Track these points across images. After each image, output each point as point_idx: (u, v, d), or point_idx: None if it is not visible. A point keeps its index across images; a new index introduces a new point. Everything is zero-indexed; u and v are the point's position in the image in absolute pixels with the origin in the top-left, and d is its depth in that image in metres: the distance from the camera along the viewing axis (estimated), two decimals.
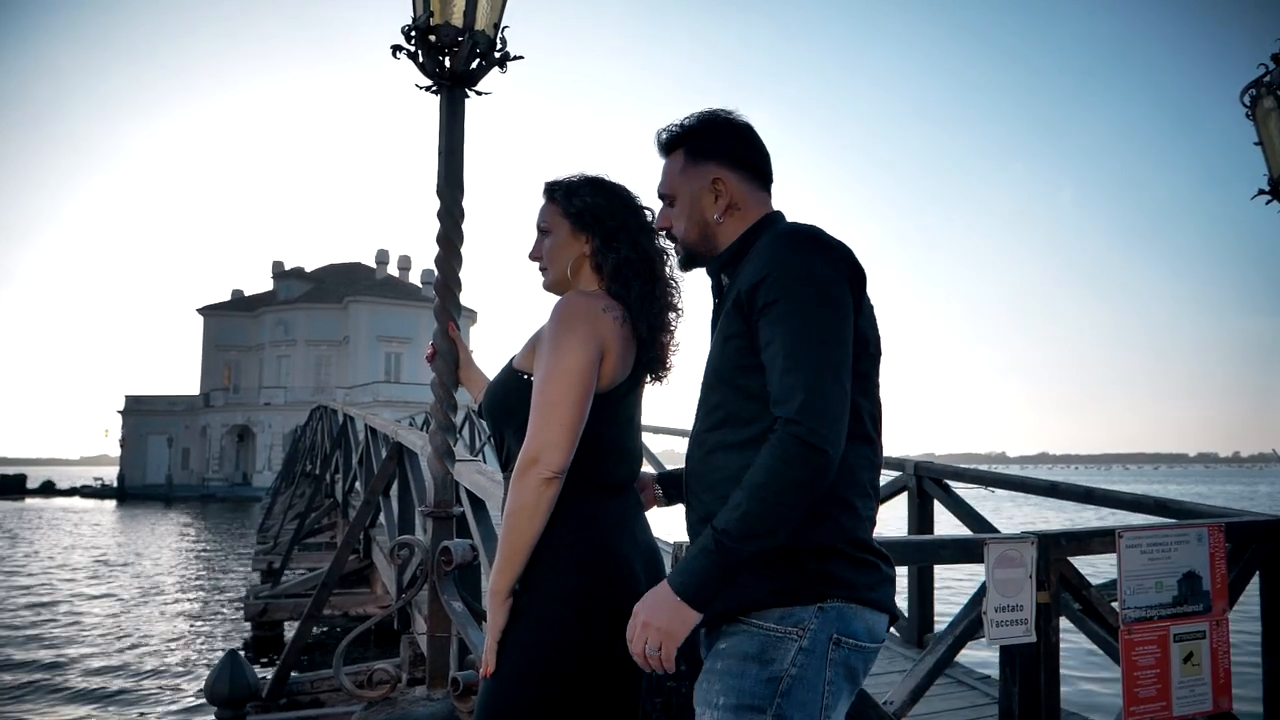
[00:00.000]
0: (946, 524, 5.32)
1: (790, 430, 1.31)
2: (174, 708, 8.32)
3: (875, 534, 1.56)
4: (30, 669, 9.75)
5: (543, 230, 1.84)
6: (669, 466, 2.68)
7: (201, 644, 11.10)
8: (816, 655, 1.37)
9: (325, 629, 10.01)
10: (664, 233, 1.71)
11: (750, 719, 1.35)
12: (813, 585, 1.39)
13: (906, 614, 5.21)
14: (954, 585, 8.79)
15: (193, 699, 8.46)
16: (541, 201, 1.85)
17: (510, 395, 1.73)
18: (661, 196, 1.68)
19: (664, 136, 1.66)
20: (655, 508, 1.87)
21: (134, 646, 10.94)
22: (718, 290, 1.64)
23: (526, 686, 1.57)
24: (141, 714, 8.15)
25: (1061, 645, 2.59)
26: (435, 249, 3.06)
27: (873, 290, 1.53)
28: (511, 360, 1.80)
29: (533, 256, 1.87)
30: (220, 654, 3.78)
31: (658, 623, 1.34)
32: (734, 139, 1.62)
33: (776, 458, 1.30)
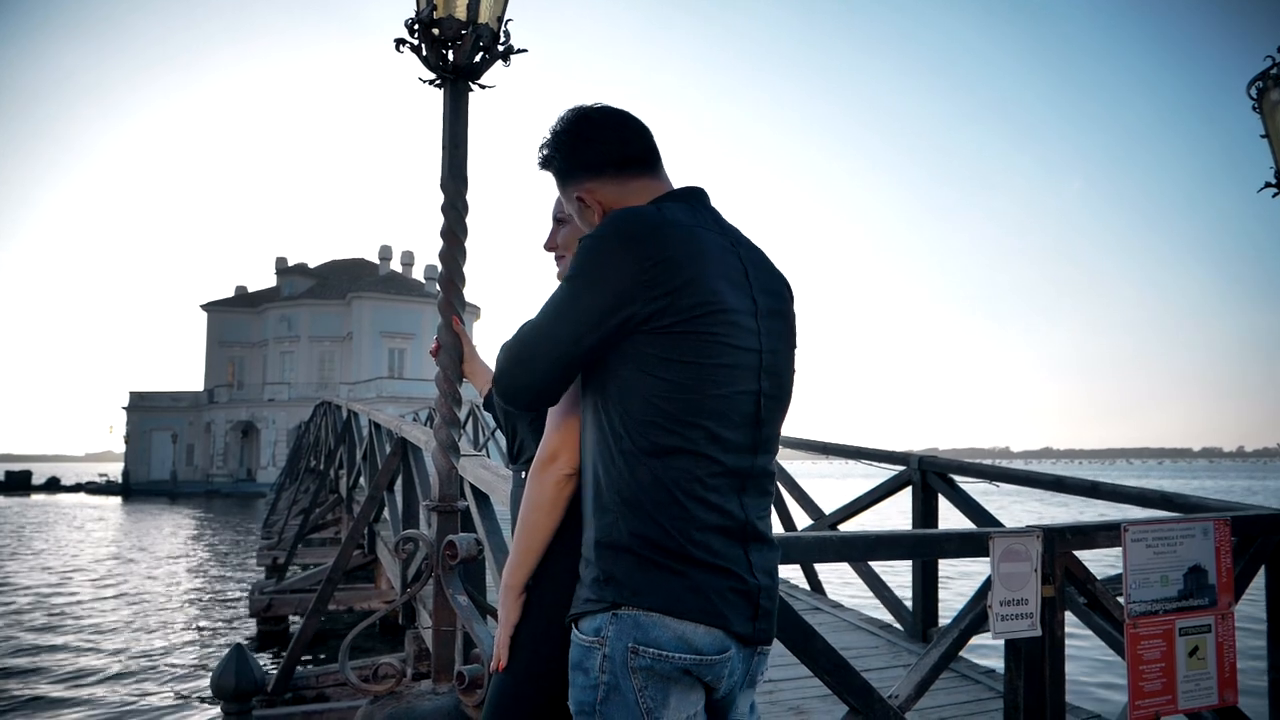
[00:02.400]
0: (951, 518, 5.31)
1: (501, 350, 1.52)
2: (180, 702, 8.35)
3: (880, 528, 1.55)
4: (36, 664, 9.79)
5: (559, 220, 1.83)
6: None
7: (207, 639, 11.13)
8: (618, 663, 1.39)
9: (330, 624, 10.04)
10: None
11: None
12: (606, 591, 1.41)
13: (910, 608, 5.22)
14: (955, 580, 8.79)
15: (199, 693, 8.49)
16: (557, 191, 1.83)
17: None
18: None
19: (538, 164, 1.67)
20: None
21: (140, 641, 10.98)
22: None
23: (539, 682, 1.57)
24: (148, 708, 8.17)
25: (1066, 639, 2.59)
26: (438, 245, 3.06)
27: (874, 287, 1.49)
28: None
29: (548, 247, 1.85)
30: (226, 648, 3.78)
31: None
32: (583, 147, 1.57)
33: (504, 350, 1.52)
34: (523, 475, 1.71)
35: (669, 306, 1.38)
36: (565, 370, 1.45)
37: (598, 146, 1.57)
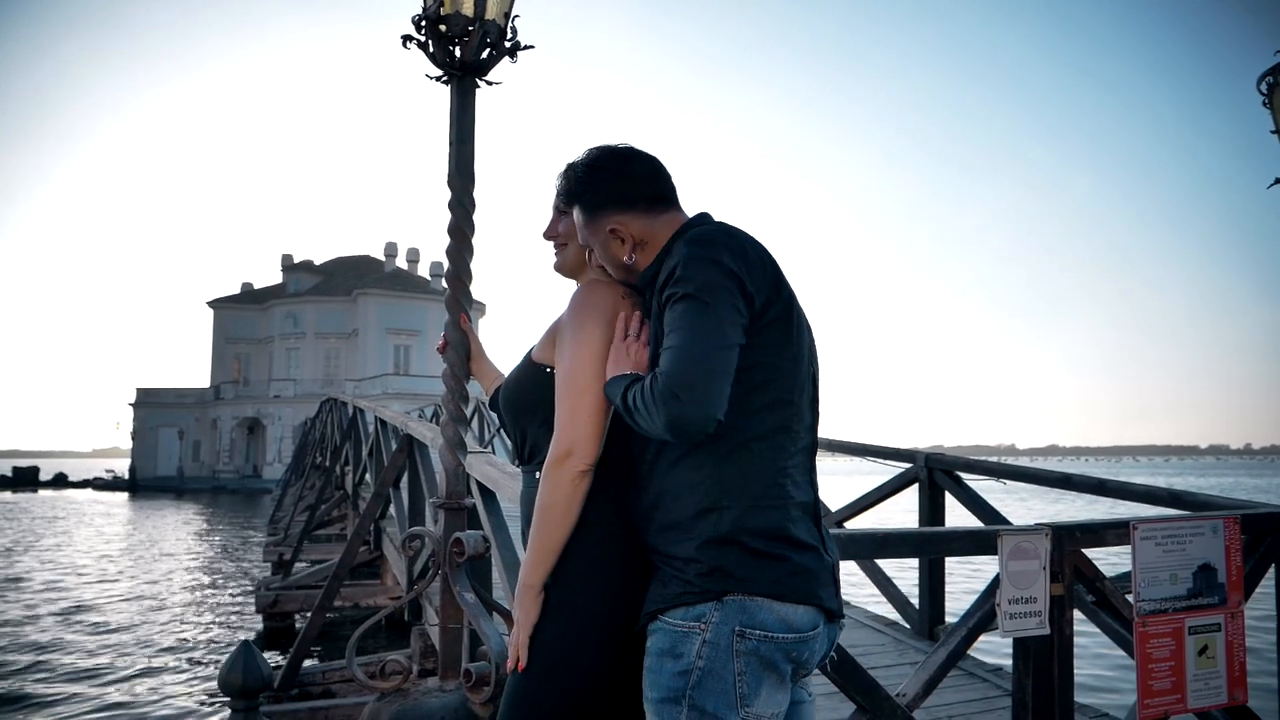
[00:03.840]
0: (958, 516, 5.30)
1: (659, 378, 1.42)
2: (187, 698, 8.37)
3: (887, 527, 1.58)
4: (43, 659, 9.82)
5: (561, 211, 1.83)
6: None
7: (213, 635, 11.16)
8: (721, 648, 1.44)
9: (335, 620, 10.06)
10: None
11: (670, 710, 1.46)
12: (711, 582, 1.46)
13: (917, 606, 5.20)
14: (963, 580, 8.77)
15: (206, 690, 8.51)
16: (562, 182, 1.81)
17: (532, 388, 1.72)
18: (583, 244, 1.78)
19: (559, 197, 1.76)
20: None
21: (146, 637, 11.01)
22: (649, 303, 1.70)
23: (560, 682, 1.56)
24: (155, 705, 8.20)
25: (1075, 638, 2.58)
26: (444, 241, 3.05)
27: (881, 284, 1.53)
28: (529, 353, 1.78)
29: (548, 235, 1.85)
30: (232, 645, 3.78)
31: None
32: (618, 182, 1.67)
33: (649, 391, 1.43)
34: (536, 475, 1.69)
35: (770, 299, 1.52)
36: (731, 377, 1.45)
37: (633, 182, 1.67)
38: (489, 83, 2.98)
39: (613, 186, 1.67)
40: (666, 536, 1.52)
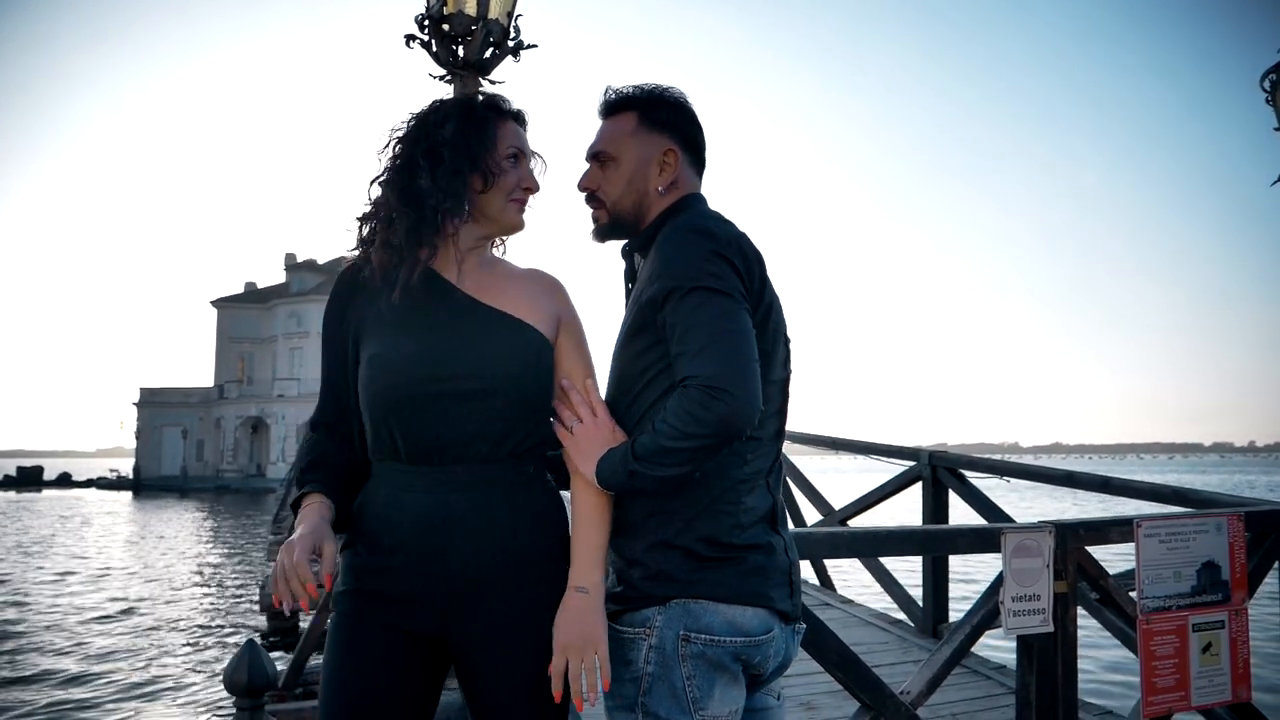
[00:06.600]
0: (961, 514, 5.30)
1: (692, 384, 1.34)
2: (192, 697, 8.39)
3: (891, 525, 1.55)
4: (48, 660, 9.85)
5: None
6: None
7: (218, 634, 11.19)
8: (668, 653, 1.41)
9: None
10: (585, 194, 1.65)
11: (626, 718, 1.44)
12: (655, 586, 1.44)
13: (921, 604, 5.21)
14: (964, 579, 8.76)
15: (211, 689, 8.53)
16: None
17: (548, 373, 1.56)
18: (596, 155, 1.63)
19: (614, 96, 1.64)
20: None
21: (151, 637, 11.04)
22: (630, 275, 1.65)
23: None
24: (160, 704, 8.22)
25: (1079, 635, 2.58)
26: None
27: (884, 281, 1.51)
28: (528, 329, 1.56)
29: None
30: (236, 644, 3.79)
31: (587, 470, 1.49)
32: (687, 117, 1.65)
33: (680, 402, 1.35)
34: (529, 470, 1.54)
35: (758, 301, 1.48)
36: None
37: (699, 137, 1.66)
38: (492, 82, 2.99)
39: (682, 116, 1.64)
40: (620, 534, 1.51)
